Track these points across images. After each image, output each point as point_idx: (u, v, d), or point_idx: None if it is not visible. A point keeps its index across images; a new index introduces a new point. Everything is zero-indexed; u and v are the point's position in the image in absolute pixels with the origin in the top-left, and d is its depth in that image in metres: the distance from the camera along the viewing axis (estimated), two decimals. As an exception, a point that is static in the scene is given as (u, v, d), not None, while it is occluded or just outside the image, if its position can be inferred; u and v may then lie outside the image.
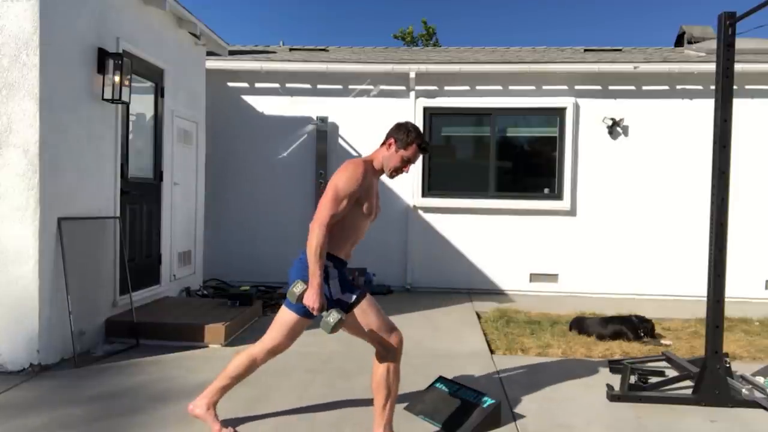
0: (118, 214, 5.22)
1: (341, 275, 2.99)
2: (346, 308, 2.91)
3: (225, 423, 3.19)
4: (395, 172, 3.06)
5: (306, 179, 8.22)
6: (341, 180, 2.90)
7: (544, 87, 8.03)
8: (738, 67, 4.27)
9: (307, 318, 3.09)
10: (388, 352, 2.96)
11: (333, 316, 2.79)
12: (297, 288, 2.88)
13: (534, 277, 8.05)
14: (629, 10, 41.56)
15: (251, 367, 3.16)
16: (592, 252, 7.96)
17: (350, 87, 8.18)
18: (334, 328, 2.79)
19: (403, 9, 40.75)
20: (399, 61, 8.29)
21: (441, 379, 3.70)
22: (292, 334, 3.11)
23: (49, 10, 4.23)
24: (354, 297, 2.95)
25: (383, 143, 3.08)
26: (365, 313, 2.96)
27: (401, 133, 3.03)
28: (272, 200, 8.26)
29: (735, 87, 3.93)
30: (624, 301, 7.38)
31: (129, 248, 5.43)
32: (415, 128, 3.07)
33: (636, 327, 5.39)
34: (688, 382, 3.99)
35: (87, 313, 4.72)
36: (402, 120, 3.18)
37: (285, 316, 3.10)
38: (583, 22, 39.95)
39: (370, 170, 3.03)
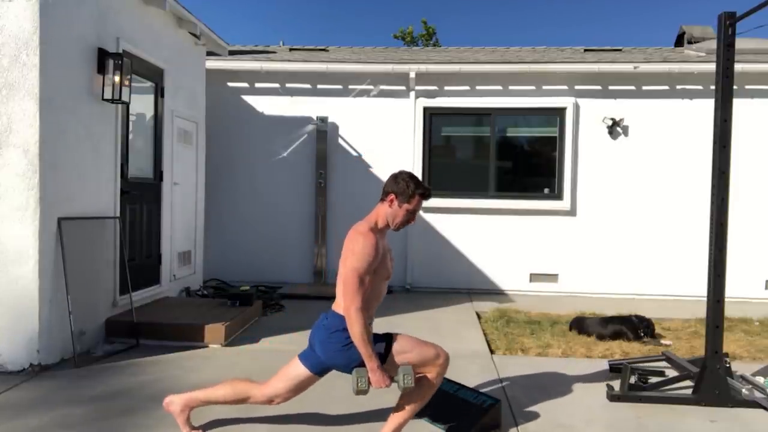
0: (118, 214, 5.22)
1: None
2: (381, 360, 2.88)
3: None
4: (402, 226, 3.02)
5: (306, 179, 8.22)
6: (357, 259, 2.80)
7: (544, 87, 8.03)
8: (738, 67, 4.28)
9: (318, 376, 3.06)
10: (437, 376, 2.95)
11: (406, 380, 2.77)
12: (360, 383, 2.77)
13: (534, 277, 8.05)
14: (629, 9, 41.59)
15: (241, 402, 3.12)
16: (592, 252, 7.96)
17: (350, 87, 8.18)
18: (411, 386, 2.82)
19: (403, 9, 40.76)
20: (399, 61, 8.29)
21: (441, 379, 3.70)
22: (298, 389, 3.08)
23: (49, 10, 4.23)
24: (384, 345, 2.91)
25: (383, 199, 2.98)
26: (402, 354, 2.90)
27: (400, 186, 2.95)
28: (272, 200, 8.27)
29: (735, 87, 3.94)
30: (624, 301, 7.38)
31: (129, 248, 5.43)
32: (412, 177, 3.00)
33: (636, 327, 5.39)
34: (688, 382, 3.99)
35: (87, 313, 4.71)
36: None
37: (296, 370, 3.05)
38: (583, 22, 39.98)
39: (378, 234, 2.94)
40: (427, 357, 2.91)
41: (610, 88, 7.94)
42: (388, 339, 2.95)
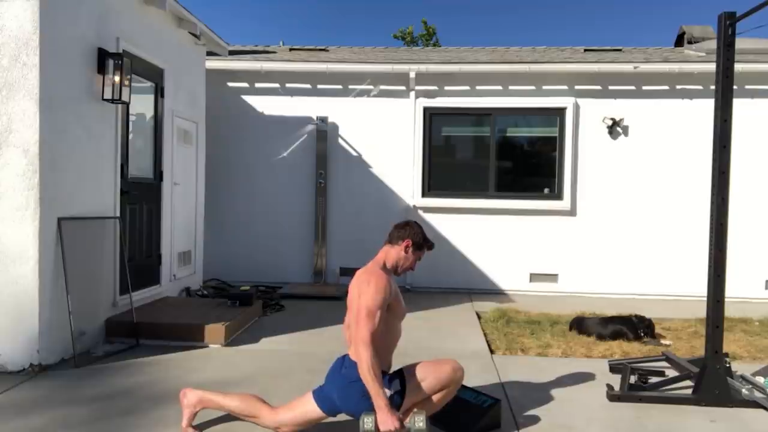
0: (118, 214, 5.22)
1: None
2: (400, 401, 2.91)
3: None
4: (405, 271, 3.15)
5: (306, 179, 8.22)
6: (370, 297, 2.86)
7: (544, 87, 8.03)
8: (738, 67, 4.26)
9: (331, 416, 3.06)
10: (456, 387, 3.05)
11: (418, 424, 2.75)
12: (367, 423, 2.73)
13: (534, 277, 8.05)
14: (629, 9, 41.59)
15: (250, 418, 3.12)
16: (592, 252, 7.96)
17: (350, 87, 8.18)
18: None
19: (403, 9, 40.77)
20: (399, 61, 8.29)
21: (441, 379, 3.69)
22: (306, 424, 3.09)
23: (49, 10, 4.23)
24: (399, 381, 2.94)
25: (393, 243, 3.10)
26: (421, 383, 2.95)
27: (417, 236, 3.10)
28: (272, 200, 8.27)
29: (735, 87, 3.93)
30: (624, 301, 7.37)
31: (129, 248, 5.43)
32: (420, 226, 3.18)
33: (636, 327, 5.39)
34: (688, 382, 3.99)
35: (87, 313, 4.71)
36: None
37: (309, 407, 3.04)
38: (583, 22, 39.97)
39: (390, 274, 3.05)
40: (444, 377, 2.97)
41: (610, 88, 7.93)
42: (401, 374, 2.98)
